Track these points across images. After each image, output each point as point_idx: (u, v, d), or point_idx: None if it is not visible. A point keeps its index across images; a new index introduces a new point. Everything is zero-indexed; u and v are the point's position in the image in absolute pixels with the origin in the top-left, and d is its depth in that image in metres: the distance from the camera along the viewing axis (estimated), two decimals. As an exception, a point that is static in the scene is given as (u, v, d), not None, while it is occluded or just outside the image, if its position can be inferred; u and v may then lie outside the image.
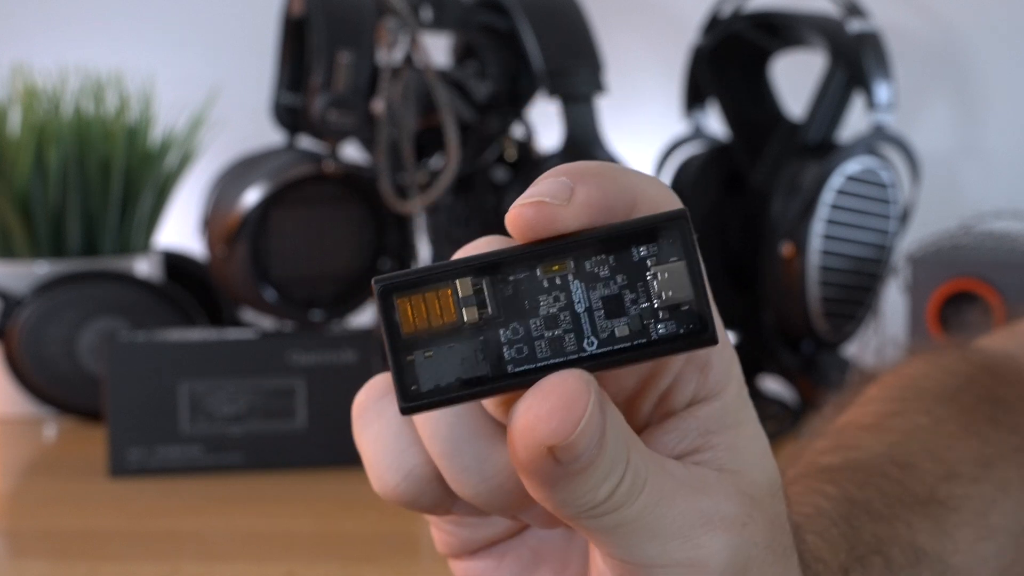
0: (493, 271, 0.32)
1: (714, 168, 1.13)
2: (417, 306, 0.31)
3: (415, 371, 0.31)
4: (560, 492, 0.32)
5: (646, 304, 0.32)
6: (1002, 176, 1.26)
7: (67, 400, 1.02)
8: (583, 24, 1.05)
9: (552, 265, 0.32)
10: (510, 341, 0.32)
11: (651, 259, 0.32)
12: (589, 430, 0.31)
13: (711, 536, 0.35)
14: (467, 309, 0.32)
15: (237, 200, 0.99)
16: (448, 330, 0.31)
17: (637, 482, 0.33)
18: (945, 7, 1.26)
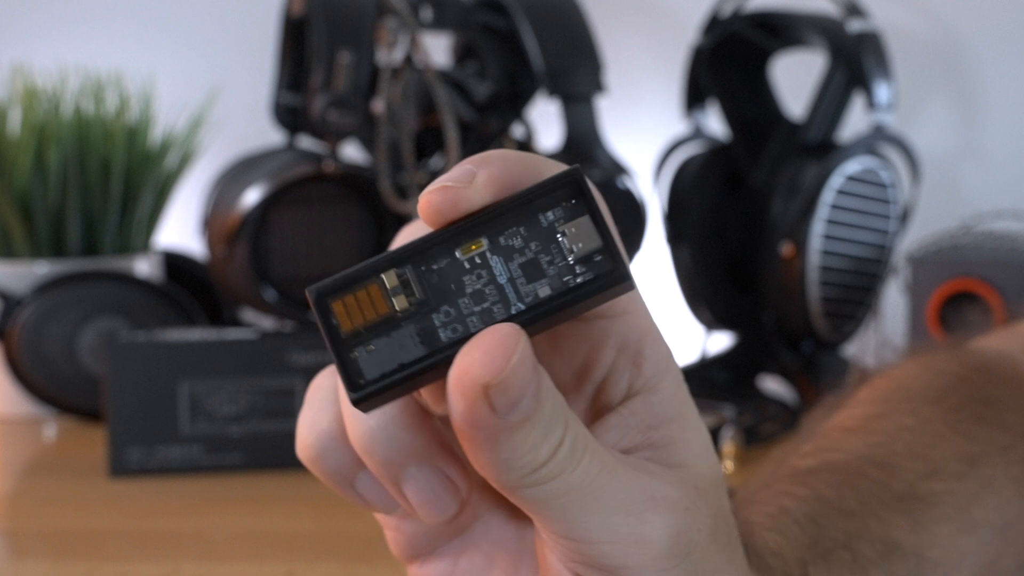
0: (415, 260, 0.34)
1: (714, 168, 1.13)
2: (351, 305, 0.33)
3: (359, 365, 0.33)
4: (501, 450, 0.33)
5: (562, 262, 0.33)
6: (1002, 176, 1.26)
7: (67, 400, 1.02)
8: (583, 24, 1.05)
9: (469, 245, 0.34)
10: (443, 323, 0.33)
11: (558, 221, 0.34)
12: (522, 370, 0.32)
13: (655, 513, 0.35)
14: (396, 299, 0.33)
15: (237, 200, 0.99)
16: (383, 322, 0.33)
17: (578, 446, 0.34)
18: (945, 7, 1.26)
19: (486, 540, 0.40)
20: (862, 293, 1.04)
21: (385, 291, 0.33)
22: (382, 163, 0.97)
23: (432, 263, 0.33)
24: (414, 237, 0.34)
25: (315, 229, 1.00)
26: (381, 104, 0.97)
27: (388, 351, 0.33)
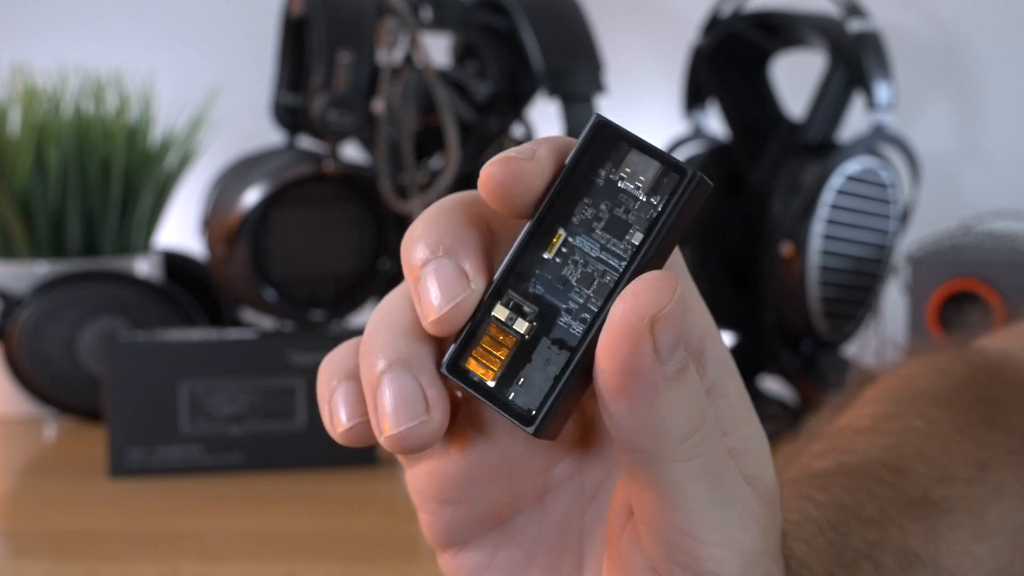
0: (512, 283, 0.33)
1: (714, 168, 1.13)
2: (482, 357, 0.33)
3: (520, 403, 0.33)
4: (659, 405, 0.32)
5: (636, 204, 0.33)
6: (1002, 176, 1.26)
7: (67, 400, 1.02)
8: (583, 24, 1.04)
9: (551, 241, 0.33)
10: (570, 320, 0.33)
11: (611, 171, 0.33)
12: (681, 306, 0.32)
13: (753, 525, 0.35)
14: (517, 325, 0.33)
15: (237, 200, 0.99)
16: (518, 352, 0.33)
17: (715, 429, 0.34)
18: (945, 7, 1.26)
19: (527, 534, 0.38)
20: (862, 293, 1.04)
21: (504, 326, 0.33)
22: (382, 163, 0.97)
23: (529, 276, 0.33)
24: (444, 224, 0.34)
25: (315, 229, 1.00)
26: (381, 104, 0.97)
27: (538, 375, 0.33)
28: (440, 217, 0.34)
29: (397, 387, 0.34)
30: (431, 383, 0.34)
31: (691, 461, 0.33)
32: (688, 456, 0.33)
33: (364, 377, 0.35)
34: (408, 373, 0.34)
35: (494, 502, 0.37)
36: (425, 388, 0.34)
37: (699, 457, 0.34)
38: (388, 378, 0.34)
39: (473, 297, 0.33)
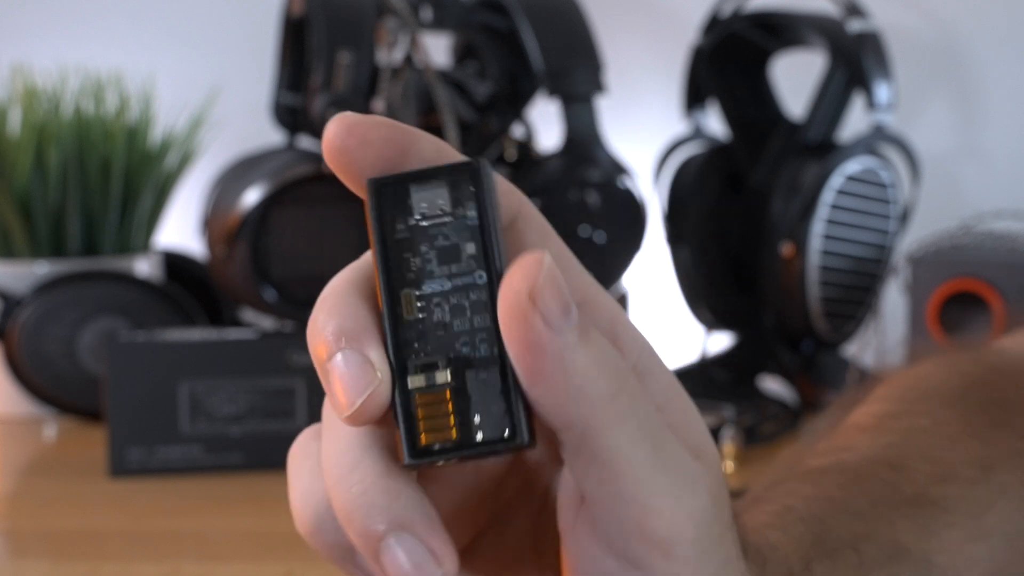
0: (407, 353, 0.33)
1: (714, 168, 1.13)
2: (432, 427, 0.33)
3: (491, 434, 0.32)
4: (573, 375, 0.32)
5: (448, 225, 0.33)
6: (1002, 176, 1.26)
7: (67, 400, 1.02)
8: (583, 24, 1.05)
9: (407, 304, 0.33)
10: (475, 345, 0.33)
11: (409, 218, 0.33)
12: (558, 274, 0.31)
13: (704, 491, 0.34)
14: (439, 379, 0.33)
15: (237, 200, 0.99)
16: (457, 399, 0.33)
17: (640, 397, 0.33)
18: (945, 7, 1.26)
19: (487, 556, 0.37)
20: (862, 293, 1.04)
21: (429, 389, 0.33)
22: (382, 163, 0.97)
23: (414, 340, 0.33)
24: (343, 310, 0.33)
25: (315, 229, 1.00)
26: (381, 104, 0.97)
27: (487, 402, 0.32)
28: (338, 303, 0.33)
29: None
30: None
31: (625, 424, 0.33)
32: (621, 418, 0.33)
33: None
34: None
35: (455, 536, 0.35)
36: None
37: (633, 418, 0.33)
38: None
39: (382, 387, 0.33)
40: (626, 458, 0.33)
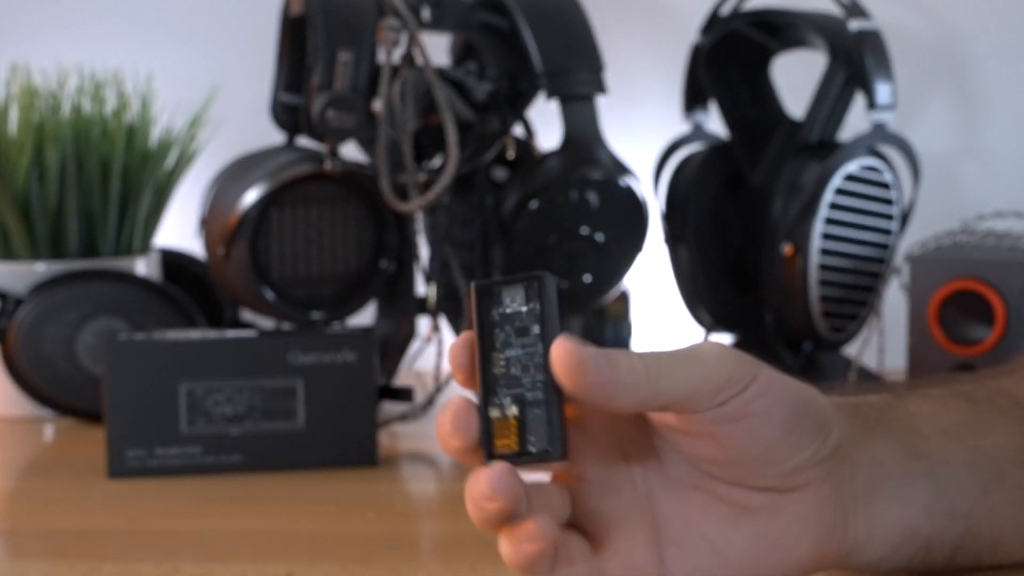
0: (491, 396, 0.51)
1: (714, 168, 1.13)
2: (502, 441, 0.50)
3: (538, 448, 0.50)
4: (615, 397, 0.49)
5: (524, 312, 0.51)
6: (1002, 176, 1.26)
7: (66, 400, 1.02)
8: (583, 24, 1.04)
9: (495, 361, 0.51)
10: (533, 390, 0.50)
11: (499, 308, 0.51)
12: (573, 356, 0.49)
13: (708, 352, 0.53)
14: (508, 412, 0.50)
15: (236, 199, 0.98)
16: (519, 425, 0.50)
17: (643, 355, 0.51)
18: (945, 7, 1.26)
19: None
20: (863, 293, 1.04)
21: (501, 419, 0.50)
22: (381, 163, 0.97)
23: (497, 388, 0.50)
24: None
25: (314, 229, 0.99)
26: (380, 104, 0.97)
27: (537, 427, 0.50)
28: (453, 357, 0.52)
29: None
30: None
31: (646, 383, 0.50)
32: (650, 380, 0.50)
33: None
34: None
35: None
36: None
37: (650, 374, 0.50)
38: None
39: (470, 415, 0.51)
40: (677, 387, 0.50)
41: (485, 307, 0.51)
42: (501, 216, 1.01)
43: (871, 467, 0.55)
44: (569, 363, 0.49)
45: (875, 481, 0.55)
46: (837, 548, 0.54)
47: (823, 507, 0.53)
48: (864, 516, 0.54)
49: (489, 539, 0.72)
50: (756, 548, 0.53)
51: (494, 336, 0.50)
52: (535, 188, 1.00)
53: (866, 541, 0.54)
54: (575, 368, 0.49)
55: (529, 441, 0.49)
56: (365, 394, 0.86)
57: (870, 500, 0.54)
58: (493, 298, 0.51)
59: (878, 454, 0.55)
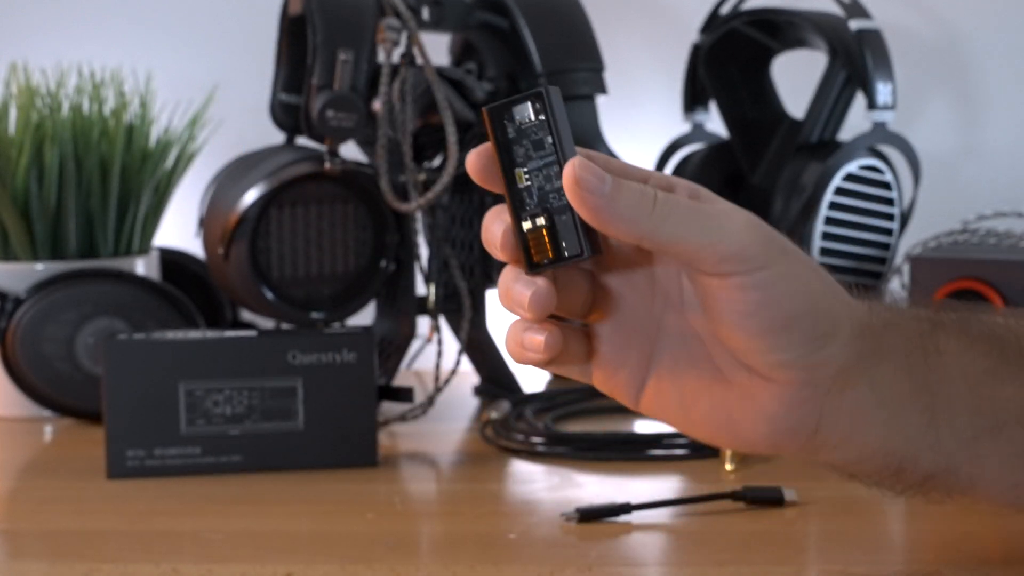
0: (520, 209, 0.55)
1: (714, 166, 1.13)
2: (537, 250, 0.55)
3: (572, 249, 0.54)
4: (621, 209, 0.53)
5: (534, 125, 0.55)
6: (1002, 176, 1.26)
7: (65, 401, 1.02)
8: (583, 24, 1.04)
9: (519, 176, 0.55)
10: (557, 197, 0.54)
11: (511, 125, 0.55)
12: (587, 163, 0.53)
13: (737, 214, 0.56)
14: (538, 222, 0.55)
15: (235, 199, 0.98)
16: (550, 233, 0.55)
17: (669, 197, 0.54)
18: (946, 7, 1.26)
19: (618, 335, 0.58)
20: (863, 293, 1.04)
21: (533, 229, 0.55)
22: (381, 163, 0.97)
23: (525, 200, 0.54)
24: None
25: (314, 229, 0.99)
26: (380, 104, 0.97)
27: (566, 231, 0.54)
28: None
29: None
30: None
31: (668, 218, 0.53)
32: (663, 217, 0.53)
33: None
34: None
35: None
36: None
37: (671, 212, 0.54)
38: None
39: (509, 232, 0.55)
40: (682, 236, 0.53)
41: (500, 128, 0.54)
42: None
43: (866, 389, 0.56)
44: (569, 178, 0.53)
45: (864, 402, 0.56)
46: (798, 446, 0.57)
47: (792, 409, 0.55)
48: (841, 428, 0.56)
49: (489, 539, 0.72)
50: (716, 415, 0.57)
51: (513, 153, 0.54)
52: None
53: (836, 446, 0.57)
54: (572, 185, 0.53)
55: (562, 246, 0.54)
56: (365, 394, 0.86)
57: (853, 417, 0.56)
58: (505, 117, 0.54)
59: (878, 379, 0.56)
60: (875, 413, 0.56)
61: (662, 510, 0.75)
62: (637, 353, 0.57)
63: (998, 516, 0.73)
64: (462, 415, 1.05)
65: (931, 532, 0.72)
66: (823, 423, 0.56)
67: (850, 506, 0.76)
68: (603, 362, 0.58)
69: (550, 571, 0.66)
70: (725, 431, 0.57)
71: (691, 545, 0.70)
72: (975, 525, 0.72)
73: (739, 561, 0.67)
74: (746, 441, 0.57)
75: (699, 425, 0.57)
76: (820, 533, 0.72)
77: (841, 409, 0.56)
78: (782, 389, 0.55)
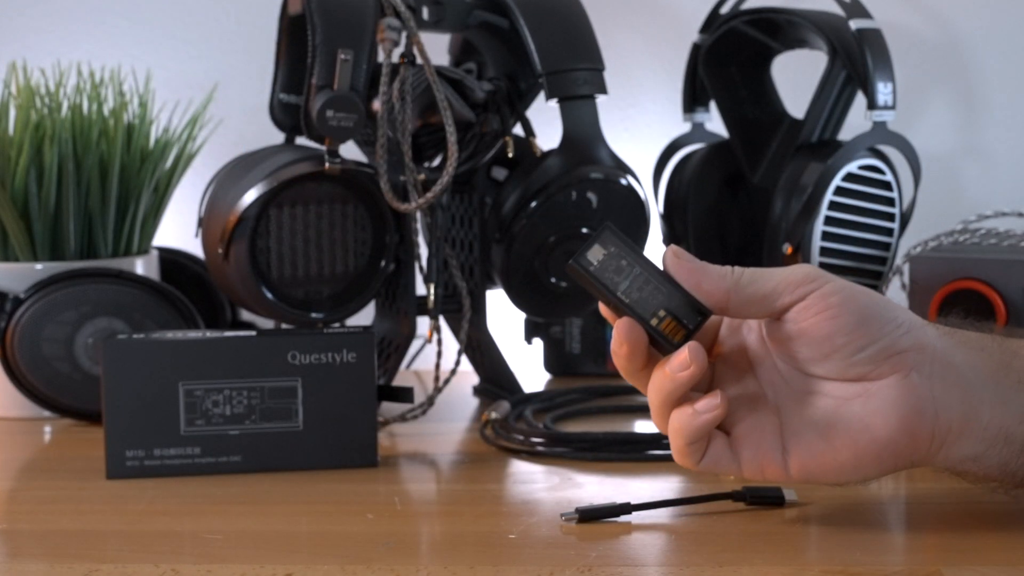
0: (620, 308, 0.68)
1: (714, 167, 1.13)
2: (667, 331, 0.67)
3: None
4: (708, 273, 0.66)
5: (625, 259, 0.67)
6: (1003, 176, 1.26)
7: (65, 401, 1.02)
8: (583, 24, 1.04)
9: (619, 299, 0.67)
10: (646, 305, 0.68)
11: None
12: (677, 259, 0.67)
13: (790, 272, 0.68)
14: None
15: (235, 199, 0.98)
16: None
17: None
18: (946, 7, 1.26)
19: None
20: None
21: (658, 322, 0.67)
22: (381, 163, 0.97)
23: (638, 309, 0.67)
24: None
25: (314, 229, 0.99)
26: (380, 104, 0.97)
27: (680, 308, 0.66)
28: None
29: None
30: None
31: (742, 289, 0.66)
32: (742, 284, 0.67)
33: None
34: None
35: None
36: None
37: (741, 280, 0.67)
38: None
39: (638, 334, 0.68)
40: (760, 283, 0.66)
41: (586, 275, 0.66)
42: (501, 216, 1.01)
43: (967, 369, 0.66)
44: (672, 259, 0.66)
45: (970, 381, 0.65)
46: (929, 432, 0.65)
47: (910, 393, 0.65)
48: (958, 409, 0.65)
49: (488, 539, 0.72)
50: (853, 429, 0.65)
51: (606, 284, 0.66)
52: (535, 188, 1.00)
53: (960, 433, 0.66)
54: (677, 264, 0.65)
55: (684, 321, 0.66)
56: (365, 394, 0.86)
57: (965, 396, 0.65)
58: (585, 265, 0.66)
59: (972, 360, 0.66)
60: (983, 389, 0.66)
61: (662, 510, 0.75)
62: (769, 427, 0.68)
63: (998, 516, 0.73)
64: (462, 415, 1.05)
65: (931, 532, 0.72)
66: (939, 407, 0.65)
67: (850, 506, 0.76)
68: (745, 443, 0.68)
69: (550, 571, 0.66)
70: (863, 436, 0.65)
71: (691, 545, 0.70)
72: (975, 525, 0.72)
73: (739, 561, 0.67)
74: (884, 436, 0.65)
75: (843, 443, 0.66)
76: (820, 533, 0.72)
77: (950, 387, 0.65)
78: (892, 380, 0.65)
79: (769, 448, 0.68)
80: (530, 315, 1.08)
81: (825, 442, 0.67)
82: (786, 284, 0.65)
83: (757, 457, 0.68)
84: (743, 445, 0.68)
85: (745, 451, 0.68)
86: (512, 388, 1.07)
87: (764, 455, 0.68)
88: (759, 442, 0.68)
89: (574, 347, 1.20)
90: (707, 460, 0.68)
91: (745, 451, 0.68)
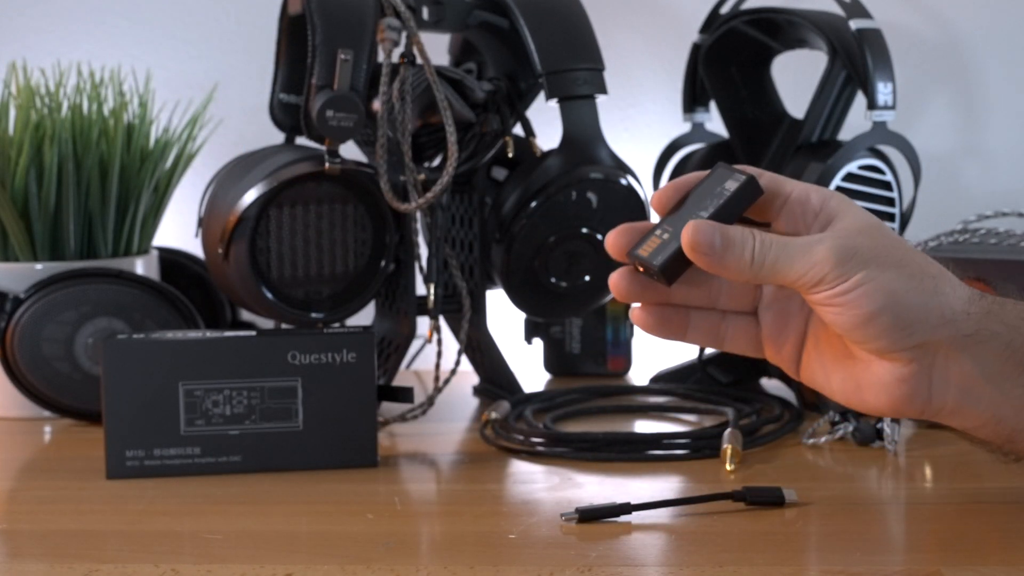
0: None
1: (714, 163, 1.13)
2: (650, 250, 0.70)
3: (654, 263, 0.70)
4: (728, 265, 0.67)
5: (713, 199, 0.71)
6: (1003, 176, 1.26)
7: (65, 401, 1.01)
8: (583, 24, 1.04)
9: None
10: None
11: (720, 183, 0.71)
12: (705, 233, 0.67)
13: (820, 245, 0.68)
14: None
15: (235, 199, 0.98)
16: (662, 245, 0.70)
17: (765, 241, 0.67)
18: (946, 6, 1.26)
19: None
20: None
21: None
22: (381, 163, 0.97)
23: (665, 221, 0.70)
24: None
25: (314, 229, 0.99)
26: (380, 104, 0.97)
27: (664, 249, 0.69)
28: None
29: None
30: None
31: (765, 260, 0.67)
32: (762, 260, 0.67)
33: None
34: None
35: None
36: None
37: (767, 255, 0.67)
38: None
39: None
40: (776, 274, 0.67)
41: (708, 176, 0.71)
42: (501, 216, 1.01)
43: (970, 365, 0.68)
44: (687, 242, 0.67)
45: (969, 377, 0.68)
46: (917, 412, 0.69)
47: (904, 381, 0.68)
48: (951, 398, 0.68)
49: (488, 539, 0.72)
50: (847, 384, 0.70)
51: (699, 189, 0.70)
52: (535, 188, 1.00)
53: (951, 413, 0.69)
54: (689, 247, 0.67)
55: (656, 253, 0.69)
56: (365, 394, 0.86)
57: (961, 389, 0.68)
58: (716, 173, 0.70)
59: (981, 357, 0.68)
60: (982, 387, 0.68)
61: (662, 510, 0.75)
62: (793, 335, 0.73)
63: (998, 516, 0.73)
64: (462, 415, 1.05)
65: (931, 532, 0.72)
66: (934, 393, 0.68)
67: (850, 506, 0.76)
68: (770, 342, 0.73)
69: (550, 571, 0.66)
70: (855, 398, 0.70)
71: (691, 545, 0.70)
72: (975, 525, 0.72)
73: (739, 561, 0.67)
74: (873, 407, 0.69)
75: (838, 392, 0.71)
76: (820, 533, 0.72)
77: (948, 382, 0.68)
78: (892, 365, 0.68)
79: (789, 352, 0.73)
80: (530, 315, 1.08)
81: (825, 377, 0.72)
82: (799, 283, 0.67)
83: (776, 355, 0.73)
84: (770, 341, 0.74)
85: (769, 346, 0.73)
86: (512, 388, 1.07)
87: (782, 358, 0.73)
88: (782, 343, 0.73)
89: (574, 347, 1.20)
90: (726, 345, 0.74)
91: (769, 346, 0.73)
